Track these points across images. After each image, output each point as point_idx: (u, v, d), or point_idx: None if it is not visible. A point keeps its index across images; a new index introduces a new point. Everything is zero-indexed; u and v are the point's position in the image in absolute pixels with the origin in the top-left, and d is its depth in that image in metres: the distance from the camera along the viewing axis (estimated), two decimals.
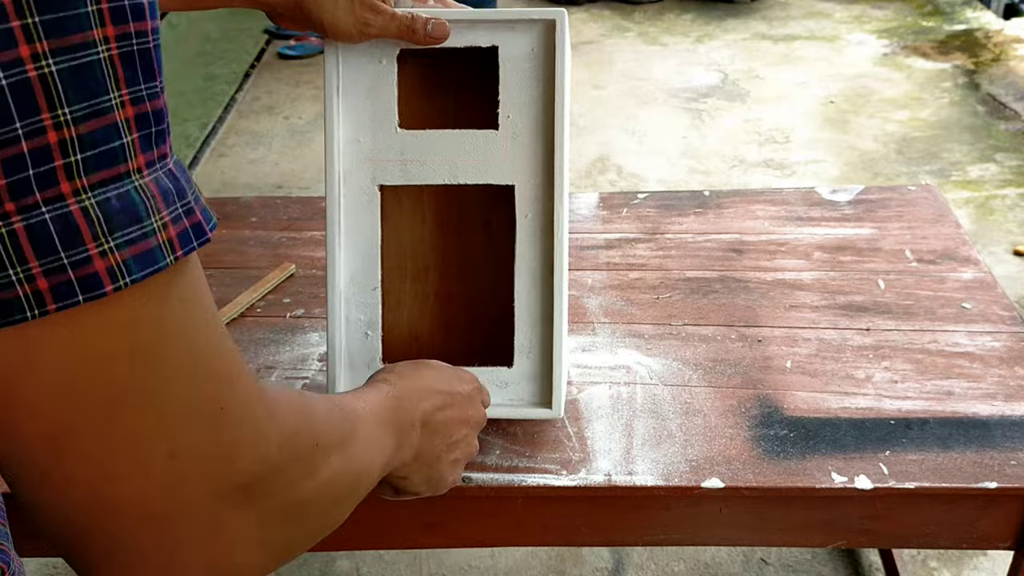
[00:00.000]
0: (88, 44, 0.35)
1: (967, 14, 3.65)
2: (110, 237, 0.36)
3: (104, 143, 0.36)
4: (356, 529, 1.05)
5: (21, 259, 0.34)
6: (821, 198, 1.42)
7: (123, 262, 0.36)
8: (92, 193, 0.35)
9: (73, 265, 0.35)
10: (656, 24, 3.75)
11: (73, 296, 0.36)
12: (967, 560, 1.55)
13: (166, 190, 0.38)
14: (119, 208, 0.36)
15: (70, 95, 0.34)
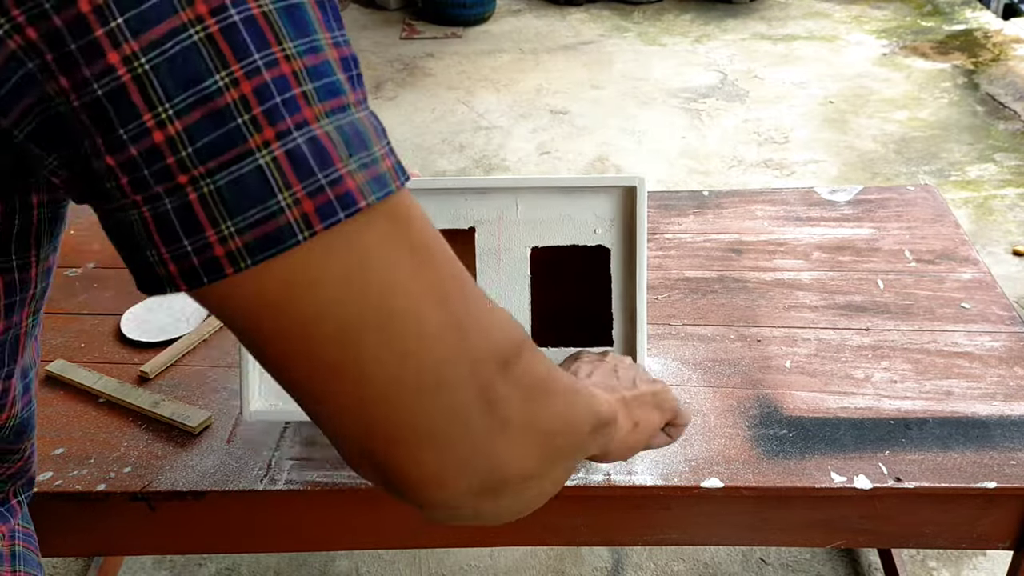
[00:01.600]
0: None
1: (966, 14, 3.65)
2: (350, 160, 0.38)
3: (325, 76, 0.38)
4: (356, 529, 1.05)
5: (287, 184, 0.37)
6: (820, 198, 1.42)
7: (366, 183, 0.39)
8: (329, 119, 0.38)
9: (330, 184, 0.38)
10: (655, 24, 3.75)
11: (335, 214, 0.38)
12: (966, 560, 1.55)
13: (376, 127, 0.41)
14: (351, 134, 0.39)
15: (290, 31, 0.37)
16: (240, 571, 1.56)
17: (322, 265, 0.39)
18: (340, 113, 0.38)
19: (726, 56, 3.43)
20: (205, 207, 0.36)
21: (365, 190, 0.39)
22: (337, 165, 0.38)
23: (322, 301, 0.39)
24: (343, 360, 0.41)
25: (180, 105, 0.35)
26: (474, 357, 0.44)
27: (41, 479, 0.99)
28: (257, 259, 0.37)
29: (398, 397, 0.42)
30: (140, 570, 1.57)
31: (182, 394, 1.10)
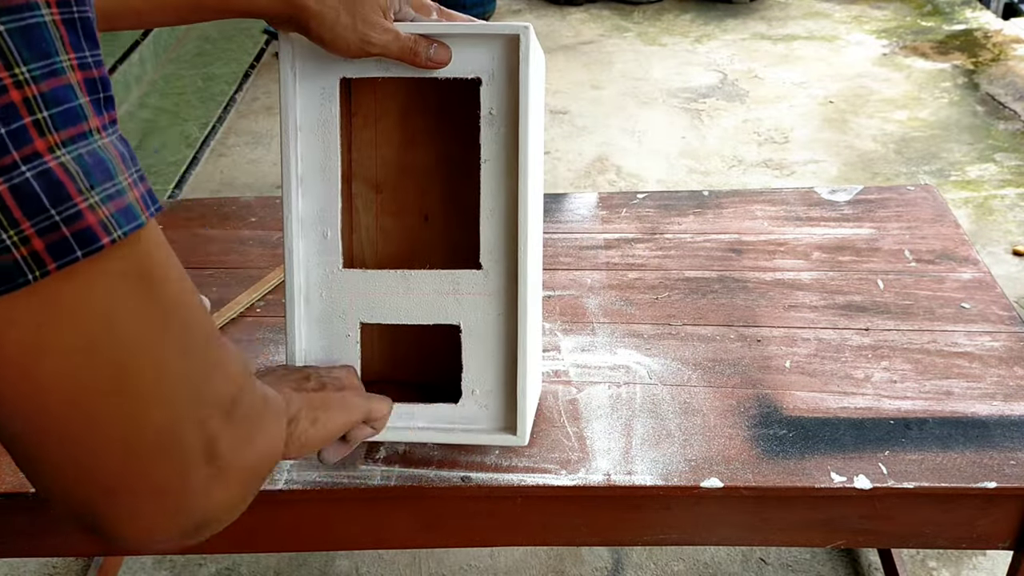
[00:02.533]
0: (32, 6, 0.34)
1: (966, 14, 3.65)
2: (92, 192, 0.36)
3: (65, 101, 0.35)
4: (356, 529, 1.05)
5: (12, 222, 0.34)
6: (820, 198, 1.42)
7: (111, 216, 0.37)
8: (66, 149, 0.35)
9: (66, 221, 0.35)
10: (655, 24, 3.75)
11: (72, 253, 0.35)
12: (966, 560, 1.55)
13: (123, 154, 0.39)
14: (93, 164, 0.36)
15: (24, 54, 0.34)
16: (240, 571, 1.56)
17: (56, 310, 0.36)
18: (80, 141, 0.36)
19: (726, 56, 3.43)
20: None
21: (110, 225, 0.36)
22: (75, 199, 0.35)
23: (56, 353, 0.37)
24: (72, 423, 0.39)
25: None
26: (204, 414, 0.44)
27: None
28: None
29: (125, 458, 0.41)
30: (140, 570, 1.57)
31: None
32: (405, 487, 0.97)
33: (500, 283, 0.91)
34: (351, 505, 1.02)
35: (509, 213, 0.89)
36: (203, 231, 1.41)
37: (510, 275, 0.91)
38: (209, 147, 2.96)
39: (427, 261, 0.96)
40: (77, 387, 0.38)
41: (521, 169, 0.88)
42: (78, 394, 0.38)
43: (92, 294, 0.37)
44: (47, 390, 0.38)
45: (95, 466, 0.41)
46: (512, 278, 0.90)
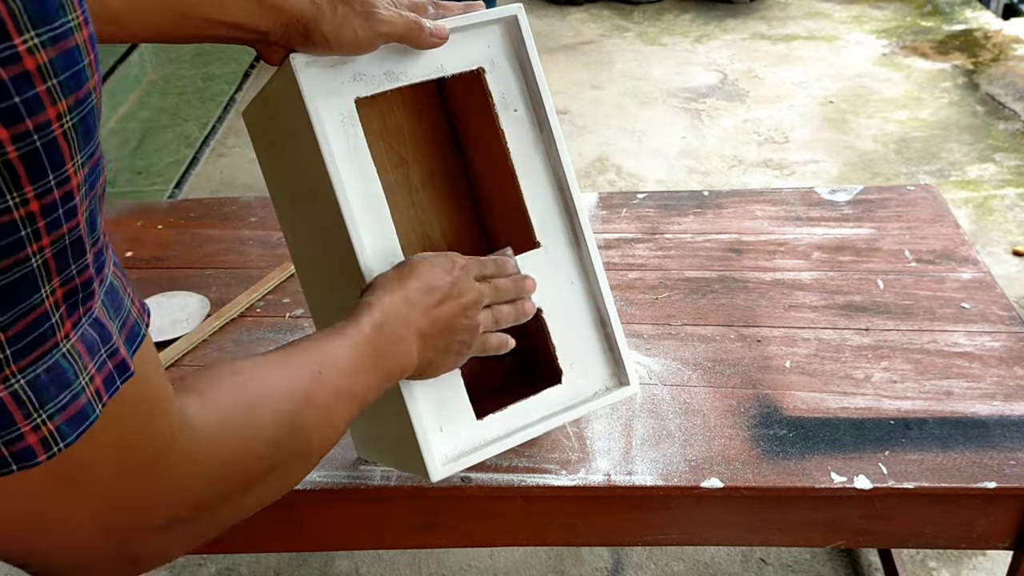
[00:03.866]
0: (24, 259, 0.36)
1: (966, 14, 3.65)
2: (41, 411, 0.39)
3: (34, 331, 0.38)
4: (356, 529, 1.05)
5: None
6: (820, 198, 1.42)
7: (56, 429, 0.39)
8: (22, 375, 0.38)
9: (6, 444, 0.38)
10: (655, 24, 3.75)
11: (7, 466, 0.39)
12: (966, 560, 1.55)
13: (91, 342, 0.41)
14: (48, 381, 0.38)
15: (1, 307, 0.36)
16: (240, 571, 1.56)
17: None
18: (41, 360, 0.38)
19: (726, 56, 3.43)
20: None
21: (51, 440, 0.40)
22: (20, 424, 0.38)
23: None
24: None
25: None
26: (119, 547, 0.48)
27: None
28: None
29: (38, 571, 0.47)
30: None
31: None
32: (405, 487, 0.97)
33: (560, 255, 0.94)
34: (351, 505, 1.02)
35: (552, 187, 0.93)
36: (203, 231, 1.41)
37: (569, 243, 0.94)
38: (209, 147, 2.96)
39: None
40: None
41: (549, 147, 0.93)
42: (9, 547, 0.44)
43: (13, 490, 0.40)
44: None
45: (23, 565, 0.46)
46: (572, 244, 0.94)
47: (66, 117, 0.35)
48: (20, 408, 0.38)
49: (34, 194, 0.35)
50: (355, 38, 0.79)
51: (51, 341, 0.38)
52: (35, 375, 0.38)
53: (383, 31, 0.80)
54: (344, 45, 0.79)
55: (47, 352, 0.38)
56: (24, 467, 0.39)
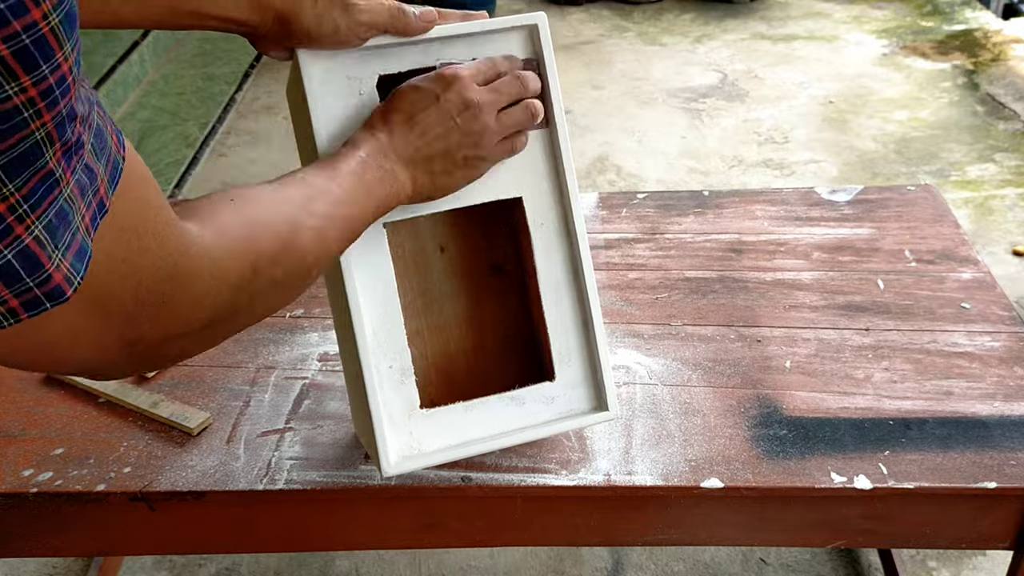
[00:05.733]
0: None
1: (966, 14, 3.65)
2: (57, 251, 0.44)
3: (43, 185, 0.42)
4: (356, 529, 1.05)
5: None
6: (820, 198, 1.42)
7: (70, 267, 0.45)
8: (39, 222, 0.43)
9: (39, 285, 0.44)
10: (655, 24, 3.75)
11: (42, 305, 0.45)
12: (966, 560, 1.55)
13: (83, 186, 0.45)
14: (57, 223, 0.44)
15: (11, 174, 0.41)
16: (240, 571, 1.56)
17: (17, 339, 0.46)
18: (50, 208, 0.43)
19: (726, 56, 3.43)
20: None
21: (71, 276, 0.45)
22: (46, 265, 0.44)
23: (11, 352, 0.48)
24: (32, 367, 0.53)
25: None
26: (136, 353, 0.54)
27: (41, 479, 0.99)
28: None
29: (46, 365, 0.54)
30: (140, 570, 1.57)
31: (182, 394, 1.10)
32: (405, 487, 0.97)
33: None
34: (351, 505, 1.02)
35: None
36: None
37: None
38: (209, 147, 2.96)
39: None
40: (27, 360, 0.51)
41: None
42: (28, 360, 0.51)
43: (50, 323, 0.46)
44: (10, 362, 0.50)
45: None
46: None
47: (52, 15, 0.39)
48: (43, 250, 0.43)
49: (31, 82, 0.40)
50: (336, 30, 0.80)
51: (56, 190, 0.43)
52: (48, 220, 0.43)
53: (364, 20, 0.81)
54: (326, 38, 0.80)
55: (54, 199, 0.43)
56: (56, 303, 0.45)
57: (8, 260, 0.42)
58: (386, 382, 0.90)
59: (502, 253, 1.00)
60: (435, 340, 1.00)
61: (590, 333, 0.95)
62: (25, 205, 0.42)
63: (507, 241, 1.00)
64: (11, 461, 1.01)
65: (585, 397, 0.96)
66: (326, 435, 1.04)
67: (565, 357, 0.96)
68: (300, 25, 0.79)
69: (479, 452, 0.93)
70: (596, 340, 0.95)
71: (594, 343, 0.95)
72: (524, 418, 0.94)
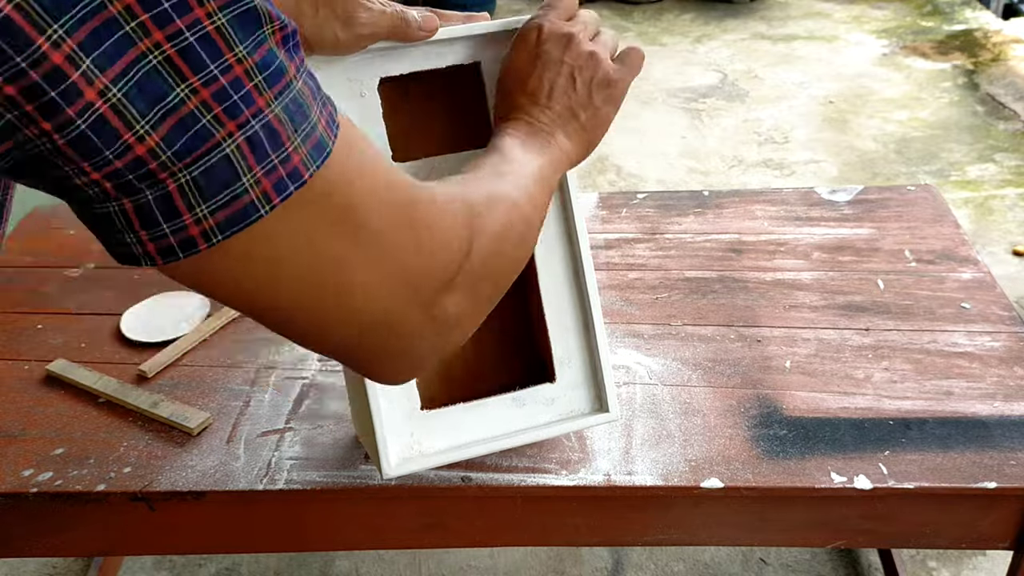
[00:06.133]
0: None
1: (966, 14, 3.65)
2: (295, 135, 0.44)
3: (270, 64, 0.43)
4: (356, 529, 1.05)
5: (248, 168, 0.43)
6: (820, 198, 1.42)
7: (308, 154, 0.45)
8: (277, 102, 0.43)
9: (282, 162, 0.44)
10: (655, 24, 3.75)
11: (287, 188, 0.44)
12: (966, 560, 1.55)
13: (312, 90, 0.47)
14: (294, 110, 0.44)
15: (239, 36, 0.42)
16: (240, 571, 1.56)
17: (280, 234, 0.45)
18: (285, 92, 0.44)
19: (726, 56, 3.43)
20: (183, 196, 0.42)
21: (308, 161, 0.45)
22: (286, 144, 0.44)
23: (279, 272, 0.47)
24: (305, 316, 0.50)
25: (153, 120, 0.40)
26: (418, 295, 0.53)
27: (41, 479, 0.99)
28: (227, 234, 0.43)
29: (358, 335, 0.52)
30: (140, 570, 1.57)
31: (182, 394, 1.10)
32: (405, 487, 0.97)
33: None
34: (351, 505, 1.02)
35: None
36: None
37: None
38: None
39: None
40: (301, 297, 0.49)
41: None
42: (305, 301, 0.49)
43: (301, 223, 0.46)
44: (283, 303, 0.49)
45: (332, 340, 0.53)
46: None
47: (217, 15, 0.41)
48: (284, 128, 0.44)
49: (201, 83, 0.41)
50: (336, 41, 0.80)
51: (285, 77, 0.44)
52: (284, 104, 0.44)
53: (364, 33, 0.81)
54: (326, 47, 0.80)
55: (286, 85, 0.44)
56: (298, 185, 0.44)
57: (256, 131, 0.42)
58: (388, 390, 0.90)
59: None
60: None
61: (590, 334, 0.95)
62: (259, 76, 0.42)
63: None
64: (11, 461, 1.01)
65: (586, 398, 0.96)
66: (326, 435, 1.04)
67: (565, 358, 0.96)
68: (300, 34, 0.79)
69: (479, 454, 0.93)
70: (597, 341, 0.95)
71: (595, 344, 0.95)
72: (524, 419, 0.94)
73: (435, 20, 0.85)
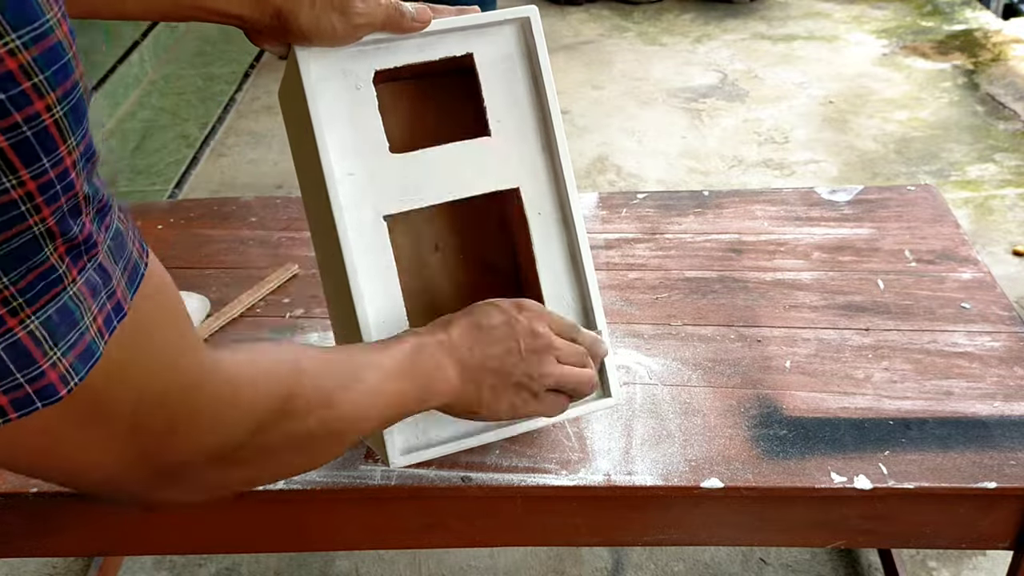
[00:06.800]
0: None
1: (966, 14, 3.65)
2: (56, 348, 0.42)
3: (43, 280, 0.41)
4: (356, 529, 1.05)
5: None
6: (820, 198, 1.42)
7: (70, 366, 0.43)
8: (36, 316, 0.41)
9: (30, 381, 0.42)
10: (655, 24, 3.75)
11: (32, 404, 0.42)
12: (966, 560, 1.55)
13: (95, 286, 0.44)
14: (59, 321, 0.42)
15: (6, 267, 0.40)
16: (240, 571, 1.56)
17: (18, 442, 0.44)
18: (50, 304, 0.42)
19: (726, 56, 3.43)
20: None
21: (68, 375, 0.43)
22: (40, 361, 0.42)
23: (15, 461, 0.47)
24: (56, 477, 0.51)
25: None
26: (156, 470, 0.53)
27: None
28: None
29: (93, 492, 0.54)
30: (140, 570, 1.57)
31: None
32: (405, 487, 0.97)
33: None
34: (351, 505, 1.02)
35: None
36: (203, 231, 1.41)
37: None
38: (209, 147, 2.96)
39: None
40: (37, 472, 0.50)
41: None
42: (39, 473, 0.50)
43: (46, 425, 0.44)
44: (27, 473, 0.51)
45: (82, 490, 0.53)
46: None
47: (56, 108, 0.38)
48: (38, 347, 0.42)
49: (29, 176, 0.38)
50: (333, 31, 0.81)
51: (59, 287, 0.42)
52: (47, 316, 0.42)
53: (360, 23, 0.82)
54: (323, 38, 0.82)
55: (56, 296, 0.42)
56: (48, 403, 0.43)
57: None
58: None
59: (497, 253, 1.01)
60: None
61: (590, 320, 0.96)
62: (20, 299, 0.41)
63: (501, 242, 1.01)
64: None
65: None
66: None
67: None
68: (297, 24, 0.80)
69: (485, 442, 0.93)
70: (597, 327, 0.95)
71: (595, 330, 0.95)
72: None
73: (428, 12, 0.86)
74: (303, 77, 0.85)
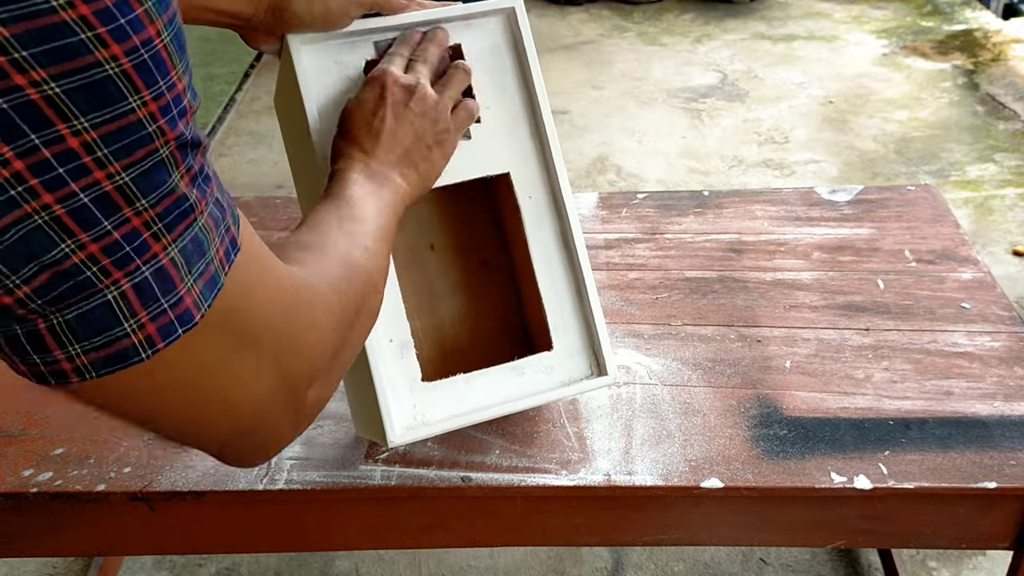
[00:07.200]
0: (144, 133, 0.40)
1: (966, 14, 3.65)
2: (190, 275, 0.44)
3: (176, 209, 0.42)
4: (356, 529, 1.05)
5: (132, 313, 0.42)
6: (820, 198, 1.42)
7: (200, 293, 0.44)
8: (175, 245, 0.42)
9: (172, 307, 0.43)
10: (655, 24, 3.75)
11: (174, 332, 0.44)
12: (966, 560, 1.55)
13: (216, 219, 0.45)
14: (193, 250, 0.44)
15: (143, 190, 0.40)
16: (240, 571, 1.56)
17: (164, 374, 0.45)
18: (187, 232, 0.43)
19: (726, 56, 3.43)
20: (53, 335, 0.41)
21: (200, 302, 0.44)
22: (179, 287, 0.43)
23: (164, 402, 0.47)
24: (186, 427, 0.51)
25: (26, 275, 0.39)
26: (294, 395, 0.54)
27: (41, 479, 0.99)
28: (102, 373, 0.43)
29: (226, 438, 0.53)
30: (140, 570, 1.57)
31: None
32: (405, 487, 0.97)
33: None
34: (351, 505, 1.02)
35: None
36: None
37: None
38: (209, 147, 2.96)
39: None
40: (183, 413, 0.49)
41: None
42: (186, 415, 0.50)
43: (190, 355, 0.45)
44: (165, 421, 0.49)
45: (200, 443, 0.53)
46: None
47: (164, 33, 0.40)
48: (177, 271, 0.43)
49: (151, 96, 0.39)
50: (327, 13, 0.83)
51: (191, 216, 0.43)
52: (184, 244, 0.43)
53: (351, 2, 0.84)
54: (318, 21, 0.83)
55: (189, 225, 0.43)
56: (187, 329, 0.44)
57: (145, 277, 0.42)
58: (387, 356, 0.91)
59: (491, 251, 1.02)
60: (431, 341, 1.01)
61: (584, 301, 0.96)
62: (160, 224, 0.41)
63: (495, 240, 1.01)
64: (11, 461, 1.01)
65: (584, 364, 0.98)
66: (326, 435, 1.04)
67: (561, 326, 0.97)
68: (291, 12, 0.82)
69: (482, 419, 0.94)
70: (591, 308, 0.96)
71: (589, 311, 0.96)
72: (524, 387, 0.95)
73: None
74: (295, 66, 0.86)
